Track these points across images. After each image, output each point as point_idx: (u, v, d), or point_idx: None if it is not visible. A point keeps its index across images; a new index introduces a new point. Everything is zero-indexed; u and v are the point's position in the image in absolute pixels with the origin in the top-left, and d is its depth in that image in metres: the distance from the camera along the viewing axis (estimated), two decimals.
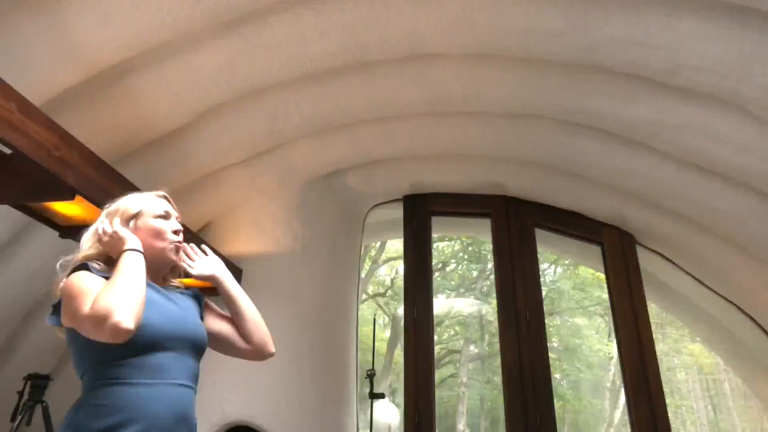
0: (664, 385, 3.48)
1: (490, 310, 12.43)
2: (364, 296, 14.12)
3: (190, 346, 1.26)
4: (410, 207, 4.03)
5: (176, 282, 1.43)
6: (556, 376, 12.69)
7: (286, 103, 3.01)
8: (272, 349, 1.44)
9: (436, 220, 4.14)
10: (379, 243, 13.30)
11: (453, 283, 14.20)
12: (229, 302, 1.43)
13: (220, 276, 1.44)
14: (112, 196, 2.22)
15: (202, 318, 1.40)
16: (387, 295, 14.25)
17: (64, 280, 1.21)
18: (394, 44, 2.62)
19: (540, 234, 3.97)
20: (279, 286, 3.37)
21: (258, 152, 3.29)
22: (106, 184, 2.16)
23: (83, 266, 1.24)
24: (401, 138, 3.41)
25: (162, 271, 1.38)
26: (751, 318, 3.57)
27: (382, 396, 3.38)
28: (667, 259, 3.83)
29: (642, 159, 3.08)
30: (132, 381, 1.12)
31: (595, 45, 2.45)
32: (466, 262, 13.95)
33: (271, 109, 3.02)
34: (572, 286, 11.69)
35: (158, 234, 1.34)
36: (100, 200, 2.12)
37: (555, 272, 12.93)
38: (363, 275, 13.35)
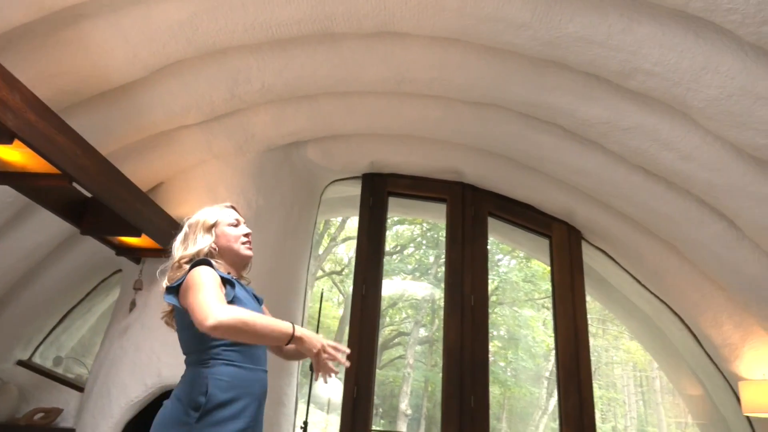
0: (601, 378, 3.66)
1: (442, 295, 12.63)
2: (320, 273, 14.11)
3: None
4: (368, 185, 4.05)
5: (246, 278, 1.81)
6: (501, 363, 13.07)
7: (249, 67, 2.94)
8: None
9: (393, 201, 4.18)
10: (339, 220, 13.30)
11: (410, 266, 14.35)
12: (293, 354, 1.84)
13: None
14: (56, 144, 2.15)
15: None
16: (343, 273, 14.29)
17: (191, 269, 1.51)
18: (362, 18, 2.60)
19: (493, 223, 4.06)
20: None
21: (216, 115, 3.21)
22: (49, 131, 2.08)
23: (207, 262, 1.55)
24: (364, 115, 3.40)
25: (241, 268, 1.73)
26: (680, 318, 3.77)
27: None
28: (609, 256, 3.98)
29: (594, 158, 3.18)
30: (244, 366, 1.51)
31: (558, 41, 2.49)
32: (424, 247, 14.11)
33: (232, 72, 2.95)
34: (523, 278, 12.01)
35: (234, 238, 1.70)
36: (41, 147, 2.05)
37: (509, 263, 13.24)
38: (321, 252, 13.34)
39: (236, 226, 1.72)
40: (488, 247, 3.94)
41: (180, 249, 1.66)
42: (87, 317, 4.25)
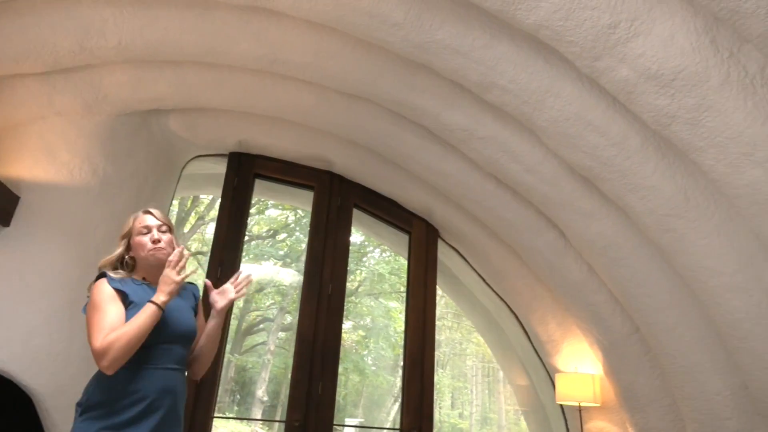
0: (453, 368, 3.92)
1: None
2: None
3: (180, 339, 1.75)
4: (235, 165, 3.90)
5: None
6: (363, 352, 13.43)
7: (104, 19, 2.67)
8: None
9: (260, 184, 4.08)
10: (210, 198, 12.66)
11: (281, 252, 14.13)
12: (212, 335, 1.87)
13: (224, 314, 1.88)
14: None
15: (195, 310, 1.91)
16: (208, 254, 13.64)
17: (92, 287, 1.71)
18: None
19: (358, 215, 4.14)
20: (64, 222, 3.01)
21: (62, 68, 2.87)
22: None
23: (103, 275, 1.72)
24: (233, 91, 3.26)
25: (160, 272, 1.74)
26: (515, 315, 4.16)
27: None
28: (461, 255, 4.27)
29: (453, 161, 3.37)
30: (139, 366, 1.62)
31: (427, 45, 2.59)
32: (297, 234, 13.96)
33: (83, 23, 2.66)
34: (389, 270, 12.42)
35: (143, 246, 1.80)
36: None
37: (381, 256, 13.61)
38: (186, 230, 12.61)
39: (147, 233, 1.81)
40: (361, 238, 4.01)
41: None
42: None
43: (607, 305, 3.28)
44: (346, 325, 13.24)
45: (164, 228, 1.86)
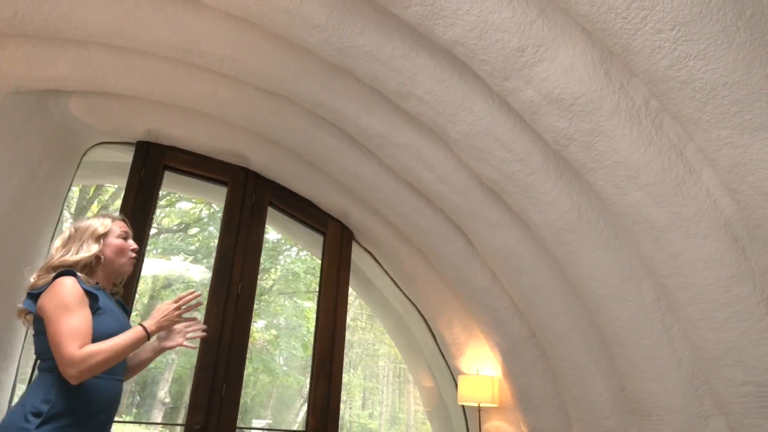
0: (366, 369, 3.94)
1: None
2: None
3: None
4: (142, 154, 3.70)
5: (117, 286, 1.88)
6: (275, 352, 13.18)
7: None
8: None
9: (170, 176, 3.90)
10: (116, 188, 11.89)
11: (192, 247, 13.55)
12: (146, 361, 1.90)
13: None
14: None
15: None
16: None
17: (55, 279, 1.58)
18: None
19: (273, 213, 4.08)
20: None
21: None
22: None
23: (72, 273, 1.61)
24: (144, 77, 3.10)
25: (116, 279, 1.82)
26: (424, 319, 4.29)
27: None
28: (375, 258, 4.33)
29: (370, 166, 3.41)
30: (103, 374, 1.59)
31: (348, 50, 2.61)
32: (210, 229, 13.46)
33: None
34: (305, 269, 12.31)
35: (121, 251, 1.80)
36: None
37: (299, 255, 13.43)
38: None
39: (126, 239, 1.83)
40: (278, 236, 3.94)
41: (60, 251, 1.69)
42: None
43: (507, 311, 3.46)
44: (259, 324, 12.95)
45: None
